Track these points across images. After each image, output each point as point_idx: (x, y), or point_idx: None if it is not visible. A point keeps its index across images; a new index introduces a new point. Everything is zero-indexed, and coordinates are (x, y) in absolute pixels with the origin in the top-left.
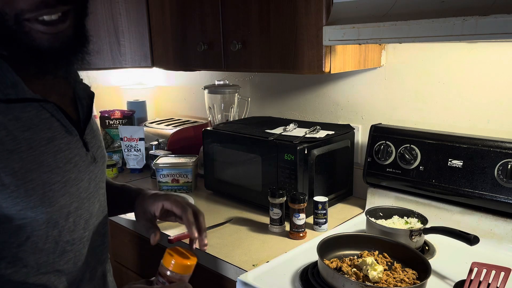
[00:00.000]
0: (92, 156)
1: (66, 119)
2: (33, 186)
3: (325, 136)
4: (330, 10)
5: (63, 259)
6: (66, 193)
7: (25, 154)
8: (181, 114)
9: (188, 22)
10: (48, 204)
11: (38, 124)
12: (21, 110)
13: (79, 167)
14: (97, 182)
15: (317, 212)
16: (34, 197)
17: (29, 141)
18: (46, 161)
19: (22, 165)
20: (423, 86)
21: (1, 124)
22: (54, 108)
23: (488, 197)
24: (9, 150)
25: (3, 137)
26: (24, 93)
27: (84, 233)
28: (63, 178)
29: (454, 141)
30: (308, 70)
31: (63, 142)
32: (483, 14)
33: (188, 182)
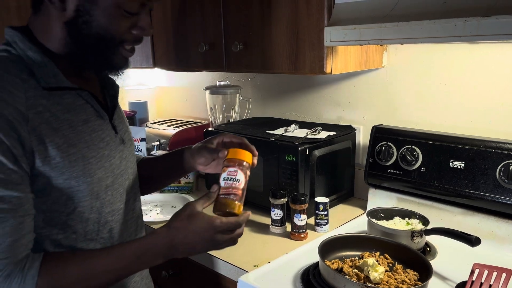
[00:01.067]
0: (120, 138)
1: (98, 105)
2: (74, 158)
3: (326, 137)
4: (331, 11)
5: (105, 228)
6: (101, 167)
7: (67, 132)
8: (182, 114)
9: (190, 23)
10: (88, 175)
11: (75, 108)
12: (60, 97)
13: (110, 146)
14: (127, 161)
15: (318, 213)
16: (76, 168)
17: (69, 121)
18: (83, 138)
19: (64, 140)
20: (424, 87)
21: (46, 107)
22: (88, 95)
23: (489, 198)
24: (53, 128)
25: (48, 117)
26: (63, 83)
27: (120, 205)
28: (98, 153)
29: (455, 142)
30: (309, 71)
31: (96, 124)
32: (484, 15)
33: (189, 183)
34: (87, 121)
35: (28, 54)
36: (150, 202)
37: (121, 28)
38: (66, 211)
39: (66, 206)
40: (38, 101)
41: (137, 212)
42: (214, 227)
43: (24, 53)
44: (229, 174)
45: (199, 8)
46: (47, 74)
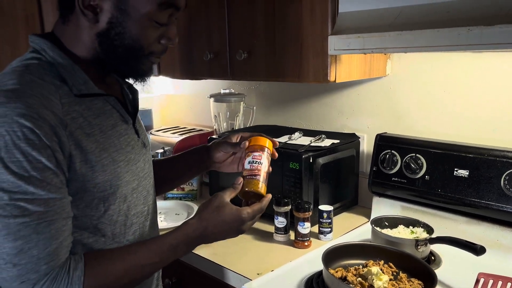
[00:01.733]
0: (142, 141)
1: (123, 109)
2: (106, 162)
3: (330, 145)
4: (335, 20)
5: (131, 230)
6: (129, 170)
7: (98, 137)
8: (187, 122)
9: (195, 32)
10: (118, 178)
11: (104, 113)
12: (90, 102)
13: (135, 150)
14: (149, 164)
15: (322, 221)
16: (108, 171)
17: (99, 126)
18: (113, 142)
19: (97, 145)
20: (428, 95)
21: (79, 112)
22: (115, 101)
23: (494, 207)
24: (87, 133)
25: (81, 123)
26: (93, 89)
27: (144, 207)
28: (126, 157)
29: (460, 151)
30: (313, 79)
31: (123, 128)
32: (488, 24)
33: (193, 190)
34: (114, 125)
35: (59, 61)
36: None
37: (151, 39)
38: (97, 215)
39: (97, 209)
40: (72, 107)
41: (155, 212)
42: (242, 218)
43: (55, 61)
44: (254, 158)
45: (204, 17)
46: (78, 81)
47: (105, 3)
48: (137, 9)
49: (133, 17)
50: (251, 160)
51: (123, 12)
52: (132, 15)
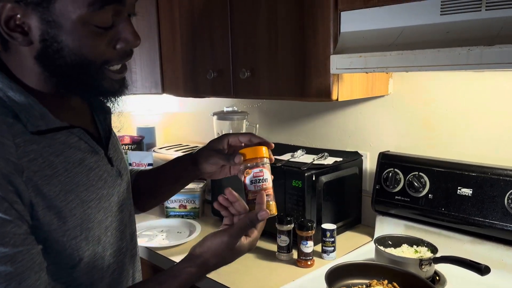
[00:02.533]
0: (117, 170)
1: (92, 140)
2: (74, 205)
3: (333, 163)
4: (337, 39)
5: (109, 271)
6: (101, 208)
7: (62, 177)
8: (189, 140)
9: (199, 51)
10: (88, 221)
11: (70, 147)
12: (51, 138)
13: (108, 183)
14: (124, 195)
15: (325, 240)
16: (77, 215)
17: (63, 164)
18: (81, 180)
19: (61, 187)
20: (430, 114)
21: (37, 152)
22: (81, 131)
23: (498, 226)
24: (48, 175)
25: (41, 164)
26: (53, 123)
27: (122, 244)
28: (97, 195)
29: (463, 169)
30: (316, 97)
31: (92, 161)
32: (488, 44)
33: (195, 208)
34: (82, 160)
35: (9, 94)
36: (155, 228)
37: (98, 48)
38: (71, 264)
39: (70, 259)
40: (28, 147)
41: (135, 243)
42: (227, 241)
43: (4, 94)
44: (255, 175)
45: (208, 36)
46: (34, 116)
47: (31, 19)
48: (66, 17)
49: (66, 27)
50: (253, 179)
51: (52, 24)
52: (64, 26)
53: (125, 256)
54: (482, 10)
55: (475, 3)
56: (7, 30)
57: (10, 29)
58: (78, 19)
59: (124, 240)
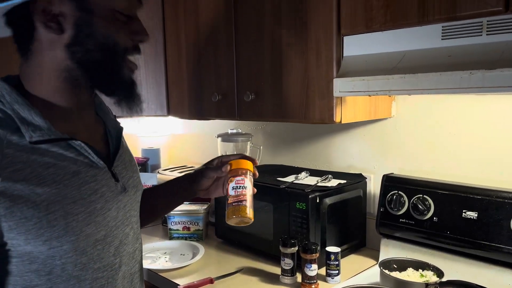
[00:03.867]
0: (122, 186)
1: (93, 154)
2: (55, 217)
3: (337, 185)
4: (340, 63)
5: (95, 285)
6: (91, 222)
7: (49, 188)
8: (194, 161)
9: (204, 74)
10: (72, 233)
11: (65, 160)
12: (46, 150)
13: (106, 197)
14: (127, 211)
15: (329, 263)
16: (57, 227)
17: (52, 176)
18: (70, 193)
19: (45, 198)
20: (434, 136)
21: (26, 163)
22: (81, 145)
23: (505, 250)
24: (32, 185)
25: (27, 174)
26: (51, 134)
27: (115, 260)
28: (87, 208)
29: (467, 192)
30: (319, 120)
31: (88, 175)
32: (489, 68)
33: (199, 230)
34: (77, 173)
35: (15, 107)
36: (158, 250)
37: (121, 35)
38: (48, 269)
39: (47, 264)
40: (17, 158)
41: (137, 264)
42: None
43: (10, 107)
44: (237, 183)
45: (213, 60)
46: (33, 126)
47: (67, 8)
48: (98, 4)
49: (98, 13)
50: (235, 185)
51: (86, 11)
52: (96, 12)
53: (117, 273)
54: (483, 35)
55: (476, 28)
56: (44, 20)
57: (47, 19)
58: (108, 4)
59: (118, 256)
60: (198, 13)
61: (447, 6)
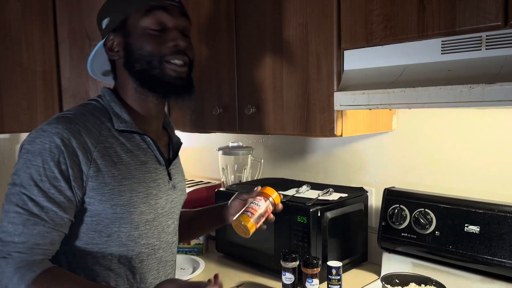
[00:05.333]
0: (173, 184)
1: (157, 152)
2: (124, 189)
3: (338, 199)
4: (341, 77)
5: (138, 257)
6: (146, 202)
7: (123, 167)
8: (194, 174)
9: (205, 88)
10: (132, 206)
11: (139, 149)
12: (128, 138)
13: (160, 187)
14: (172, 205)
15: (331, 278)
16: (124, 197)
17: (129, 159)
18: (137, 175)
19: (120, 173)
20: (435, 150)
21: (112, 144)
22: (150, 141)
23: (508, 264)
24: (114, 161)
25: (111, 152)
26: (132, 127)
27: (156, 241)
28: (146, 190)
29: (469, 206)
30: (320, 133)
31: (152, 167)
32: (489, 82)
33: (199, 244)
34: (145, 162)
35: (111, 104)
36: None
37: (155, 45)
38: (107, 232)
39: (107, 227)
40: (108, 139)
41: (171, 255)
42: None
43: (108, 104)
44: (255, 200)
45: (215, 73)
46: (121, 120)
47: (119, 39)
48: (134, 27)
49: (134, 34)
50: (252, 201)
51: (127, 35)
52: (133, 34)
53: (154, 253)
54: (482, 49)
55: (475, 43)
56: (110, 53)
57: (112, 51)
58: (140, 26)
59: (159, 240)
60: (199, 27)
61: (447, 21)
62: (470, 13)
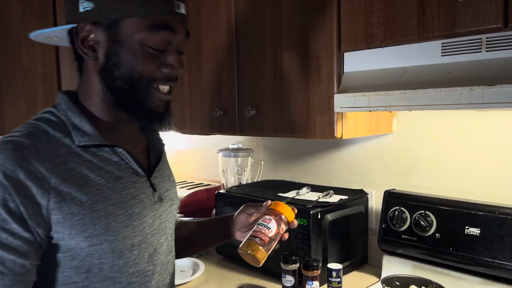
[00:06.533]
0: (158, 196)
1: (134, 162)
2: (98, 216)
3: (338, 201)
4: (341, 79)
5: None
6: (129, 225)
7: (94, 189)
8: (194, 176)
9: (206, 89)
10: (111, 233)
11: (109, 164)
12: (95, 153)
13: (143, 204)
14: (162, 221)
15: (331, 280)
16: (99, 225)
17: (98, 178)
18: (112, 196)
19: (90, 197)
20: (435, 152)
21: (77, 163)
22: (123, 152)
23: (508, 267)
24: (80, 185)
25: (76, 174)
26: (97, 139)
27: (148, 266)
28: (126, 211)
29: (470, 208)
30: (320, 135)
31: (129, 181)
32: (489, 84)
33: None
34: (119, 178)
35: (68, 114)
36: None
37: (149, 66)
38: (86, 267)
39: (85, 261)
40: (69, 158)
41: (169, 276)
42: None
43: (64, 114)
44: (263, 220)
45: (215, 75)
46: (83, 132)
47: (101, 37)
48: (129, 36)
49: (127, 45)
50: (260, 222)
51: (117, 42)
52: (125, 44)
53: (150, 281)
54: (482, 51)
55: (475, 45)
56: (81, 47)
57: (84, 46)
58: (138, 39)
59: (151, 264)
60: (200, 31)
61: (447, 23)
62: (470, 15)
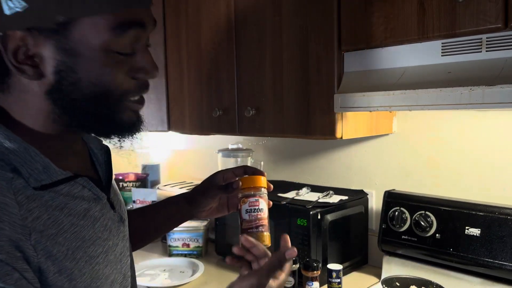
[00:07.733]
0: (118, 215)
1: (96, 187)
2: (83, 264)
3: (338, 201)
4: (341, 79)
5: None
6: (108, 262)
7: (68, 233)
8: (194, 177)
9: (205, 89)
10: (97, 278)
11: (73, 198)
12: (54, 190)
13: (113, 232)
14: (126, 241)
15: (331, 281)
16: (86, 275)
17: (69, 218)
18: (87, 234)
19: (68, 245)
20: (435, 152)
21: (41, 209)
22: (84, 179)
23: (509, 267)
24: (54, 234)
25: (46, 221)
26: (57, 175)
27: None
28: (104, 248)
29: (470, 209)
30: (320, 135)
31: (97, 210)
32: (489, 85)
33: (198, 247)
34: (87, 210)
35: (6, 145)
36: (158, 267)
37: (118, 77)
38: None
39: None
40: (31, 204)
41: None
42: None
43: (1, 145)
44: (250, 205)
45: (214, 75)
46: (36, 168)
47: (43, 49)
48: (86, 44)
49: (86, 55)
50: (248, 208)
51: (69, 53)
52: (82, 54)
53: None
54: (482, 51)
55: (476, 45)
56: (15, 62)
57: (18, 61)
58: (100, 45)
59: (123, 278)
60: (200, 30)
61: (447, 23)
62: (470, 15)
